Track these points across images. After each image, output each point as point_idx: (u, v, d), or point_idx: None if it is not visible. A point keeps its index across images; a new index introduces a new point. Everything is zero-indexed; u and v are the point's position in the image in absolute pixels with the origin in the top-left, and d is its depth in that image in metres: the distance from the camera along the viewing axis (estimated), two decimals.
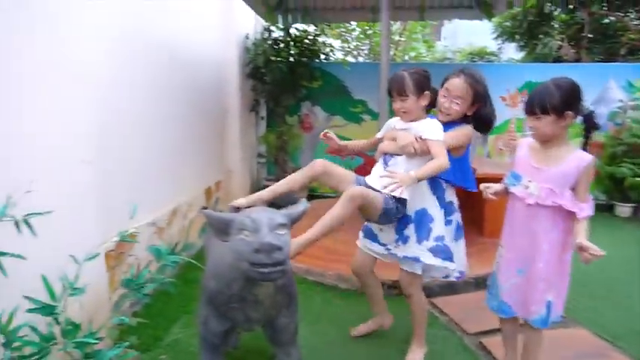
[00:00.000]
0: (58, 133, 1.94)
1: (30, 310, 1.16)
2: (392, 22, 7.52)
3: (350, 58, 7.22)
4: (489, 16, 5.09)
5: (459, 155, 2.14)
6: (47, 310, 1.16)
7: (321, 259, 3.41)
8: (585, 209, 1.75)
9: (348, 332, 2.54)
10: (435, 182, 2.11)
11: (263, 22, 5.22)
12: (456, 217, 2.22)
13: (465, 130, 2.13)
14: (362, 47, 7.21)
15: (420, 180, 1.92)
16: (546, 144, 1.82)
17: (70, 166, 2.02)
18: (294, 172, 6.00)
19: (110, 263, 2.49)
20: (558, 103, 1.70)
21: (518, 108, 5.73)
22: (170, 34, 3.40)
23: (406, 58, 7.87)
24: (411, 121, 2.03)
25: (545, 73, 5.59)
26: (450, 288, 3.09)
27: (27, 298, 1.19)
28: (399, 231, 2.12)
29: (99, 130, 2.27)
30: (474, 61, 7.26)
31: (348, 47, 7.08)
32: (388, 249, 2.19)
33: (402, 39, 7.30)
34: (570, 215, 1.77)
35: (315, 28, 5.54)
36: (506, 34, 6.82)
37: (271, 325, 1.61)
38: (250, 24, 5.24)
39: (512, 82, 5.68)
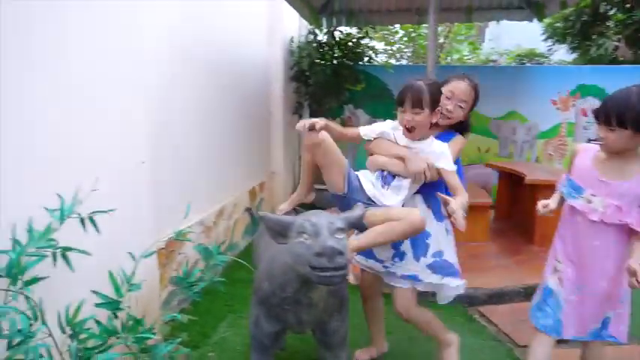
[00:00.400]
0: (117, 133, 2.02)
1: (98, 305, 1.20)
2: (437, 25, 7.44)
3: (393, 61, 7.16)
4: (541, 16, 4.91)
5: None
6: (113, 305, 1.20)
7: None
8: None
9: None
10: (429, 196, 1.97)
11: (308, 25, 5.25)
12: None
13: (460, 140, 2.04)
14: (405, 50, 7.12)
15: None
16: (614, 155, 1.68)
17: (129, 167, 2.09)
18: None
19: (162, 261, 2.57)
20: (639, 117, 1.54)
21: (569, 112, 5.51)
22: (219, 35, 3.48)
23: (448, 60, 7.72)
24: (418, 139, 1.88)
25: (601, 76, 5.41)
26: (498, 297, 3.00)
27: (94, 292, 1.23)
28: (396, 246, 1.96)
29: (154, 130, 2.35)
30: (523, 63, 7.03)
31: (391, 50, 7.02)
32: (386, 266, 2.00)
33: (446, 41, 7.16)
34: (637, 234, 1.65)
35: (358, 30, 5.53)
36: (557, 36, 6.56)
37: (322, 328, 1.61)
38: (295, 27, 5.29)
39: (563, 85, 5.47)
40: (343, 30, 5.56)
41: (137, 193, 2.17)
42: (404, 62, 7.33)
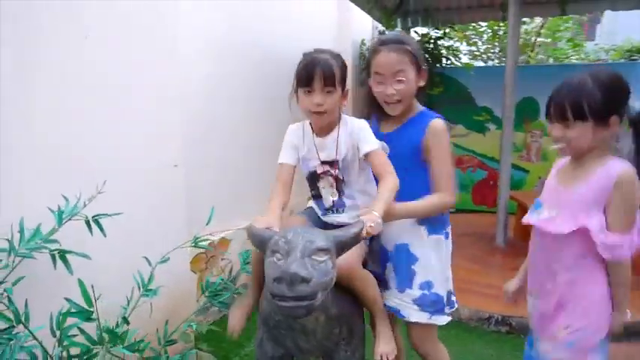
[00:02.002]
0: (153, 134, 2.00)
1: (70, 314, 1.14)
2: (527, 20, 6.73)
3: (480, 63, 6.64)
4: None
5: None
6: (84, 314, 1.13)
7: None
8: (616, 246, 1.25)
9: None
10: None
11: (380, 27, 5.04)
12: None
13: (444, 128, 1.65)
14: (493, 50, 6.55)
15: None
16: (579, 159, 1.36)
17: (165, 169, 2.08)
18: None
19: (199, 266, 2.54)
20: (601, 105, 1.25)
21: None
22: (279, 39, 3.42)
23: (540, 57, 6.94)
24: (329, 130, 1.49)
25: None
26: None
27: (67, 300, 1.18)
28: (382, 268, 1.62)
29: (200, 136, 2.33)
30: (634, 59, 6.08)
31: (477, 50, 6.50)
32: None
33: (541, 39, 6.45)
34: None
35: (436, 31, 5.19)
36: None
37: (329, 358, 1.41)
38: (367, 28, 5.11)
39: None
40: (419, 31, 5.26)
41: (171, 197, 2.14)
42: (491, 64, 6.75)
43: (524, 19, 6.73)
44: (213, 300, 1.99)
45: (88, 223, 1.47)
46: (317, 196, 1.60)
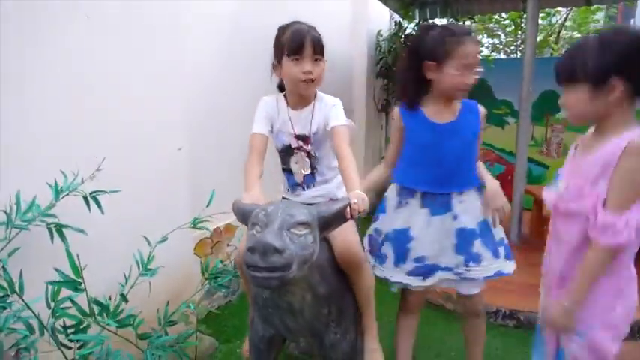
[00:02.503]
0: (155, 121, 2.03)
1: (57, 284, 1.16)
2: (551, 12, 6.52)
3: (503, 56, 6.48)
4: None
5: None
6: (71, 284, 1.15)
7: None
8: (606, 227, 1.08)
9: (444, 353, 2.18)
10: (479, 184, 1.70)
11: (397, 17, 4.97)
12: None
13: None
14: (515, 43, 6.38)
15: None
16: (599, 129, 1.20)
17: (168, 153, 2.10)
18: None
19: (204, 251, 2.56)
20: (595, 64, 1.08)
21: None
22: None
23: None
24: (305, 104, 1.55)
25: None
26: None
27: (56, 270, 1.20)
28: (464, 250, 1.66)
29: (205, 122, 2.34)
30: None
31: (499, 43, 6.34)
32: (458, 272, 1.69)
33: (566, 32, 6.24)
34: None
35: (456, 21, 5.08)
36: None
37: (319, 340, 1.40)
38: (385, 19, 5.04)
39: None
40: (438, 22, 5.16)
41: (175, 181, 2.16)
42: (513, 56, 6.58)
43: (549, 11, 6.53)
44: (214, 282, 2.02)
45: (86, 199, 1.50)
46: (287, 170, 1.63)
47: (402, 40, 4.84)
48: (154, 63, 1.97)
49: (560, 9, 6.54)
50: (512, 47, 6.35)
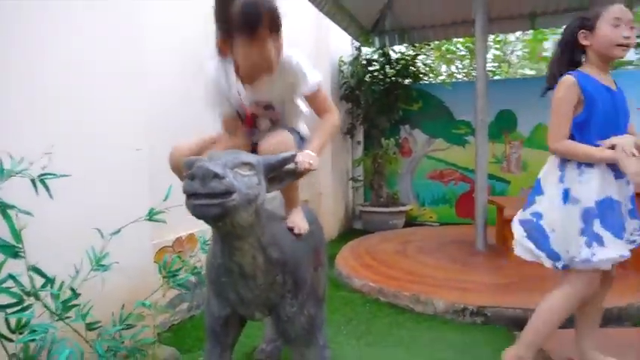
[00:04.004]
0: (114, 119, 2.02)
1: None
2: (502, 38, 6.90)
3: (463, 78, 6.79)
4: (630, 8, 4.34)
5: None
6: (9, 250, 1.10)
7: (396, 279, 3.04)
8: None
9: (416, 356, 2.13)
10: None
11: (357, 44, 5.18)
12: None
13: None
14: (472, 66, 6.74)
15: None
16: None
17: (127, 151, 2.08)
18: (389, 197, 5.51)
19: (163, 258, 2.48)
20: None
21: None
22: None
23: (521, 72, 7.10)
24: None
25: None
26: None
27: None
28: (635, 215, 1.67)
29: (178, 124, 2.34)
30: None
31: (456, 67, 6.68)
32: (632, 241, 1.66)
33: (519, 53, 6.65)
34: None
35: (413, 48, 5.35)
36: None
37: (276, 314, 1.37)
38: (346, 45, 5.24)
39: None
40: (398, 49, 5.41)
41: (134, 180, 2.14)
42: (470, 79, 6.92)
43: (502, 39, 6.96)
44: (172, 281, 1.96)
45: (33, 182, 1.46)
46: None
47: (363, 64, 5.04)
48: (113, 63, 2.00)
49: (510, 38, 6.99)
50: (470, 69, 6.69)
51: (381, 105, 5.06)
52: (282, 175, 1.17)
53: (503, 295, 2.73)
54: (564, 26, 1.79)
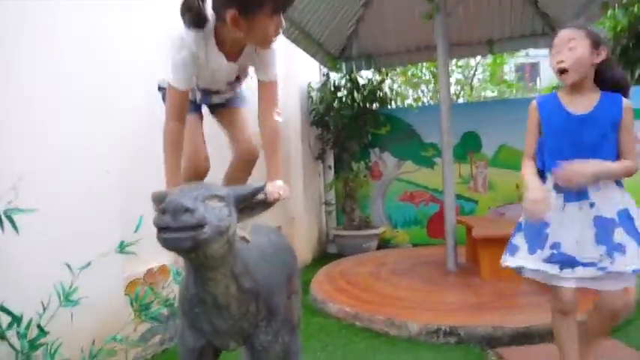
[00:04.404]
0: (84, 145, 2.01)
1: None
2: (463, 63, 7.24)
3: (429, 101, 7.02)
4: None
5: None
6: None
7: (371, 302, 3.06)
8: None
9: None
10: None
11: (325, 70, 5.31)
12: None
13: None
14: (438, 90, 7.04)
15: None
16: None
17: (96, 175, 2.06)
18: (362, 221, 5.57)
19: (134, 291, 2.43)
20: None
21: None
22: None
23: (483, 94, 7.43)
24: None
25: None
26: (524, 337, 2.50)
27: None
28: (604, 240, 1.58)
29: (150, 150, 2.32)
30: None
31: (422, 92, 6.93)
32: (602, 268, 1.58)
33: (480, 76, 6.98)
34: None
35: (379, 73, 5.52)
36: None
37: (249, 343, 1.36)
38: (314, 71, 5.35)
39: None
40: (365, 74, 5.57)
41: (104, 204, 2.12)
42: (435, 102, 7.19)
43: (463, 64, 7.28)
44: (144, 314, 1.92)
45: None
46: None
47: (331, 90, 5.15)
48: (83, 86, 2.00)
49: (472, 64, 7.31)
50: (435, 93, 6.95)
51: (350, 129, 5.16)
52: (252, 205, 1.20)
53: (475, 314, 2.78)
54: (521, 50, 1.93)
